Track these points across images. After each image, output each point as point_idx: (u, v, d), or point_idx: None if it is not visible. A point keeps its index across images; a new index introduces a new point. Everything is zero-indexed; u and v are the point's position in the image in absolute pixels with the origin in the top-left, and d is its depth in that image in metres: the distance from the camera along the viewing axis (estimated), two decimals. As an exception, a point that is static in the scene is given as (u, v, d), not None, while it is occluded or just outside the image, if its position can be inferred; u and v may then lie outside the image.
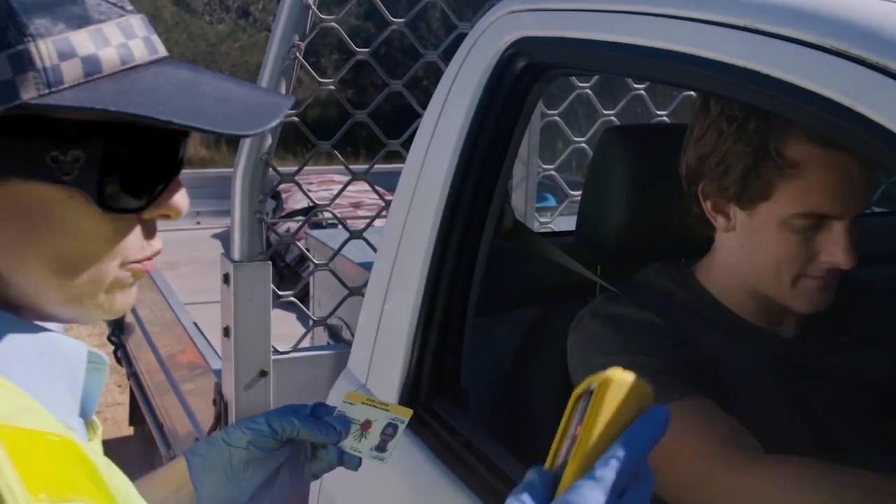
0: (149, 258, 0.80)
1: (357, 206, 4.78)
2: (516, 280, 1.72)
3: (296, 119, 1.74)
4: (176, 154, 0.78)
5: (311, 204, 1.86)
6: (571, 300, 1.65)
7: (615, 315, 1.40)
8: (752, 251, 1.37)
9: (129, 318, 3.48)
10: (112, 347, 3.83)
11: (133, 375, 3.45)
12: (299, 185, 1.80)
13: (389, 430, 1.24)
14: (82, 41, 0.71)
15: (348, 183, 1.85)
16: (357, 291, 1.86)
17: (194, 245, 4.66)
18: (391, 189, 1.93)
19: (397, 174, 1.61)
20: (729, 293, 1.44)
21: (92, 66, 0.71)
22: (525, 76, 1.47)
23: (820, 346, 1.45)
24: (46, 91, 0.69)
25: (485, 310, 1.57)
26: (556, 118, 2.15)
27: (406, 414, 1.24)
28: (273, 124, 0.76)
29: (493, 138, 1.48)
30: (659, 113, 2.21)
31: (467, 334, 1.50)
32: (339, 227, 1.94)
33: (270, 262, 1.75)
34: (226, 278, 1.74)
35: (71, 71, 0.70)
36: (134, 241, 0.78)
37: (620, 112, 2.14)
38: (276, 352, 1.81)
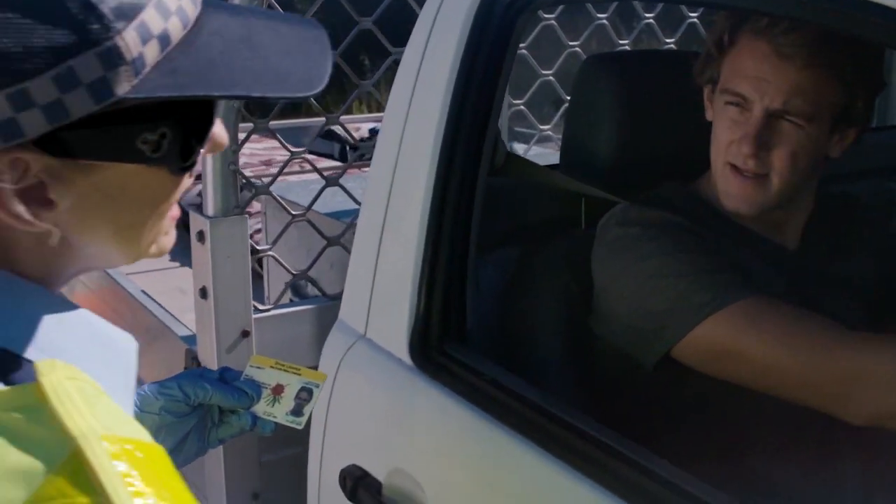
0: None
1: (268, 163, 4.73)
2: (498, 220, 1.75)
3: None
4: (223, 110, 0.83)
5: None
6: (557, 236, 1.71)
7: (650, 218, 1.46)
8: (712, 136, 1.49)
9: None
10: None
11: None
12: (276, 135, 1.78)
13: (304, 395, 1.28)
14: (153, 18, 0.71)
15: (324, 126, 1.84)
16: (336, 241, 1.86)
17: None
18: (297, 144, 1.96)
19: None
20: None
21: (164, 42, 0.72)
22: (514, 6, 1.48)
23: (821, 255, 1.55)
24: (135, 80, 0.70)
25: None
26: (524, 51, 2.17)
27: (321, 378, 1.29)
28: (330, 65, 0.79)
29: (485, 73, 1.50)
30: (621, 42, 2.25)
31: (471, 276, 1.52)
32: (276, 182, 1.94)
33: (247, 216, 1.73)
34: (200, 236, 1.72)
35: (151, 53, 0.71)
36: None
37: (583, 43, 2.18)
38: (257, 310, 1.80)
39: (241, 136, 1.78)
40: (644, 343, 1.42)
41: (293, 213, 1.84)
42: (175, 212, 0.83)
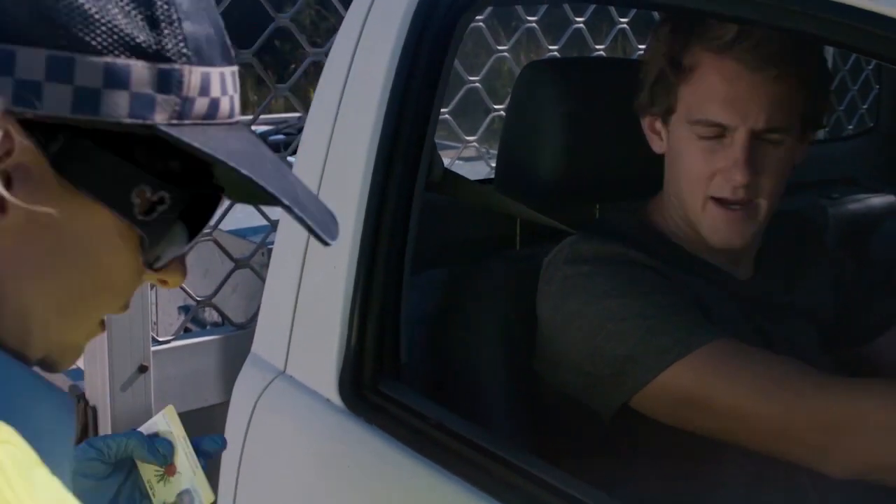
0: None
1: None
2: (425, 238, 1.66)
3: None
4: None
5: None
6: (490, 257, 1.62)
7: (604, 254, 1.38)
8: (674, 169, 1.43)
9: None
10: None
11: None
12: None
13: (187, 499, 1.08)
14: (215, 82, 0.68)
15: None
16: (244, 263, 1.73)
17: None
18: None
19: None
20: (683, 232, 1.47)
21: (212, 111, 0.68)
22: (455, 6, 1.40)
23: (774, 282, 1.51)
24: (176, 122, 0.65)
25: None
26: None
27: (208, 499, 1.09)
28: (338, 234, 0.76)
29: (425, 78, 1.41)
30: (550, 48, 2.19)
31: (405, 304, 1.42)
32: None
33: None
34: (92, 259, 1.57)
35: (199, 109, 0.67)
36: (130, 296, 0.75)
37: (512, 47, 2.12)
38: (155, 342, 1.66)
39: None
40: (601, 392, 1.34)
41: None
42: (102, 329, 0.76)
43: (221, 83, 0.68)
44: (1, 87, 0.59)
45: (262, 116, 4.03)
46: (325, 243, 0.71)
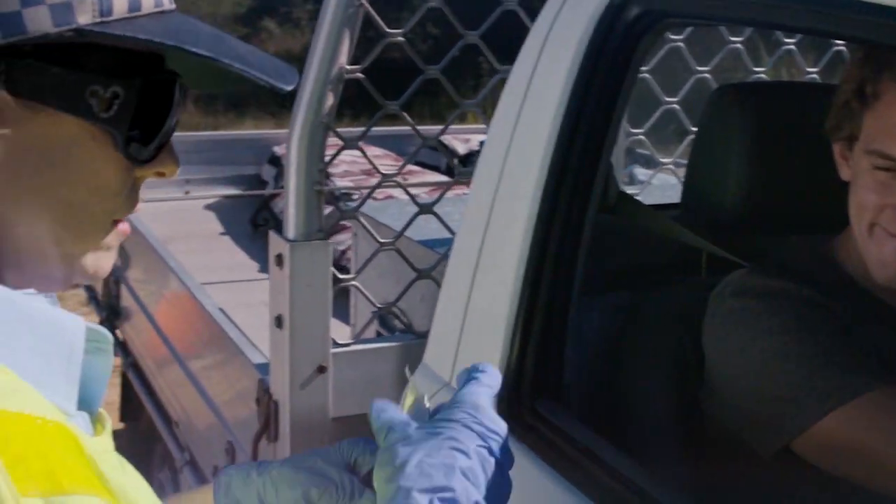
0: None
1: (369, 173, 4.67)
2: (608, 260, 1.64)
3: (360, 76, 1.64)
4: (179, 109, 0.80)
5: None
6: (672, 282, 1.59)
7: (772, 290, 1.32)
8: (851, 200, 1.33)
9: (128, 302, 3.39)
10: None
11: (132, 366, 3.36)
12: (363, 152, 1.70)
13: None
14: None
15: (421, 146, 1.75)
16: (426, 274, 1.77)
17: (186, 217, 4.54)
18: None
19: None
20: (867, 272, 1.37)
21: (134, 4, 0.72)
22: (637, 25, 1.38)
23: None
24: (100, 20, 0.70)
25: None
26: (646, 75, 2.05)
27: None
28: (295, 82, 0.78)
29: (601, 98, 1.40)
30: (756, 70, 2.12)
31: (572, 324, 1.41)
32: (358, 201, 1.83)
33: (330, 242, 1.66)
34: (279, 259, 1.65)
35: (119, 4, 0.71)
36: (127, 198, 0.78)
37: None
38: (336, 344, 1.72)
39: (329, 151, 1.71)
40: (760, 432, 1.29)
41: (381, 240, 1.76)
42: (124, 226, 0.78)
43: None
44: None
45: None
46: (280, 90, 0.74)
